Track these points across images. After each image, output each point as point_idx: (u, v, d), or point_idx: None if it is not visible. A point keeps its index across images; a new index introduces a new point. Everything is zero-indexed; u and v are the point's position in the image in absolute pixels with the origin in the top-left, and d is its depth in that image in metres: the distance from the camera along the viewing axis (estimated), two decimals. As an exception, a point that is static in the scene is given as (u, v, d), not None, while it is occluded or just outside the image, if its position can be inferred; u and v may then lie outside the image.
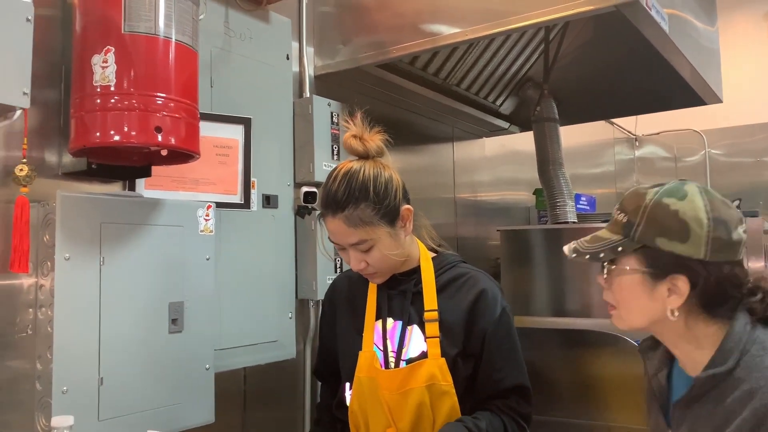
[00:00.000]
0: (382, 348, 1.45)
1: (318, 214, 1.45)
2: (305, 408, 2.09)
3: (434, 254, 1.53)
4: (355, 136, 1.42)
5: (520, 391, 1.44)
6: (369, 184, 1.36)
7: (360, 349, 1.47)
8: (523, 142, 3.36)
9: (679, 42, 2.09)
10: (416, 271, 1.49)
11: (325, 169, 2.03)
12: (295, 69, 2.14)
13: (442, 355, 1.39)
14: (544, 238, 2.58)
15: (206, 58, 1.76)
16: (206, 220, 1.61)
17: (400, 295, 1.48)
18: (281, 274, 1.97)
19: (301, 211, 2.03)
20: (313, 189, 2.05)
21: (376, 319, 1.48)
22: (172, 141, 1.35)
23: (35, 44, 1.24)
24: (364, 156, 1.42)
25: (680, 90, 2.58)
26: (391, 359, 1.44)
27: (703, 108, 2.93)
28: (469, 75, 2.77)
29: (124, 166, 1.54)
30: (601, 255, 1.14)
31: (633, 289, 1.12)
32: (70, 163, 1.49)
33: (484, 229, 3.28)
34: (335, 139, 2.10)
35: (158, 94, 1.33)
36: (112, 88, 1.30)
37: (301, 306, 2.07)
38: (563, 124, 2.98)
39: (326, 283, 1.95)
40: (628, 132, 5.49)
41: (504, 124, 3.27)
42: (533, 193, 3.49)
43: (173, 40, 1.36)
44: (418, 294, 1.46)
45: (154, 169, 1.57)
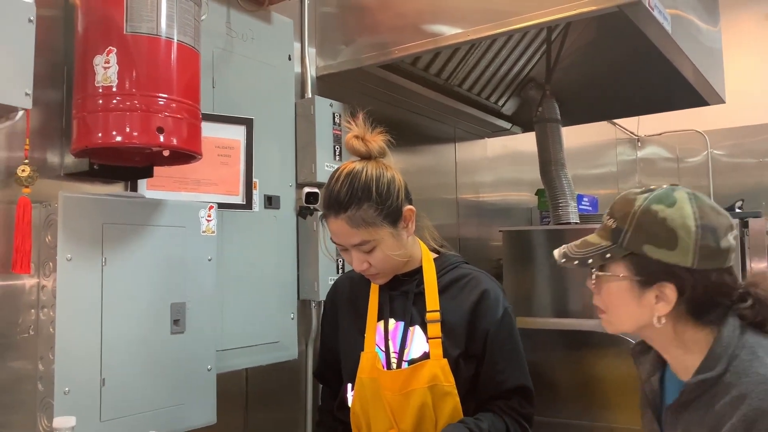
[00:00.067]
0: (384, 349, 1.45)
1: (320, 214, 1.45)
2: (307, 409, 2.09)
3: (436, 255, 1.53)
4: (357, 137, 1.41)
5: (523, 392, 1.44)
6: (371, 184, 1.36)
7: (362, 349, 1.46)
8: (526, 142, 3.36)
9: (682, 42, 2.09)
10: (418, 271, 1.48)
11: (327, 169, 2.03)
12: (297, 69, 2.14)
13: (444, 356, 1.39)
14: (546, 239, 2.58)
15: (208, 58, 1.76)
16: (208, 220, 1.61)
17: (402, 296, 1.48)
18: (283, 274, 1.97)
19: (303, 212, 2.03)
20: (315, 190, 2.05)
21: (378, 319, 1.48)
22: (174, 141, 1.35)
23: (37, 45, 1.24)
24: (367, 157, 1.42)
25: (683, 90, 2.58)
26: (393, 360, 1.43)
27: (706, 108, 2.93)
28: (471, 75, 2.77)
29: (126, 166, 1.54)
30: (590, 261, 1.14)
31: (621, 295, 1.12)
32: (72, 163, 1.49)
33: (486, 229, 3.27)
34: (337, 139, 2.10)
35: (160, 94, 1.33)
36: (114, 89, 1.30)
37: (303, 307, 2.07)
38: (565, 124, 2.98)
39: (328, 283, 1.94)
40: (631, 132, 5.48)
41: (506, 125, 3.27)
42: (535, 194, 3.49)
43: (175, 40, 1.36)
44: (420, 295, 1.45)
45: (156, 169, 1.57)
